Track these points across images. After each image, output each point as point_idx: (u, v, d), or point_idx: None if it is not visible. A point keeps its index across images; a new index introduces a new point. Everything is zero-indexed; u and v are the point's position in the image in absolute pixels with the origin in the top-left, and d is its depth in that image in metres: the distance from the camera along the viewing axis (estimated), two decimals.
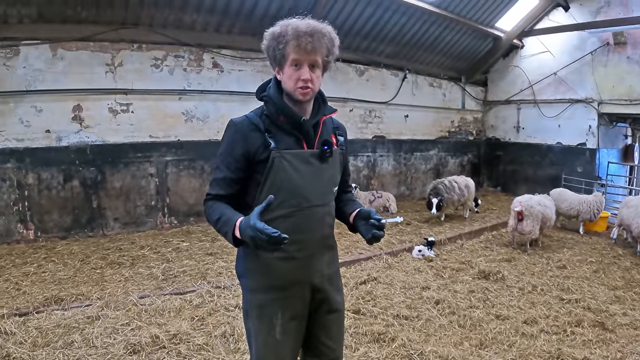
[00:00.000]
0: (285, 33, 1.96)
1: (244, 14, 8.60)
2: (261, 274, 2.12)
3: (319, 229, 2.16)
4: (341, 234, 7.99)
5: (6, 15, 6.88)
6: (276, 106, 2.05)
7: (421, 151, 12.63)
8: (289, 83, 2.02)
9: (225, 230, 1.93)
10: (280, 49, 1.97)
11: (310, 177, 2.09)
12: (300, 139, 2.09)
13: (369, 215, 2.13)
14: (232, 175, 2.05)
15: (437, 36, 11.39)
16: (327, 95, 2.21)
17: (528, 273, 6.36)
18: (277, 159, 2.00)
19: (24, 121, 7.30)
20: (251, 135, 2.02)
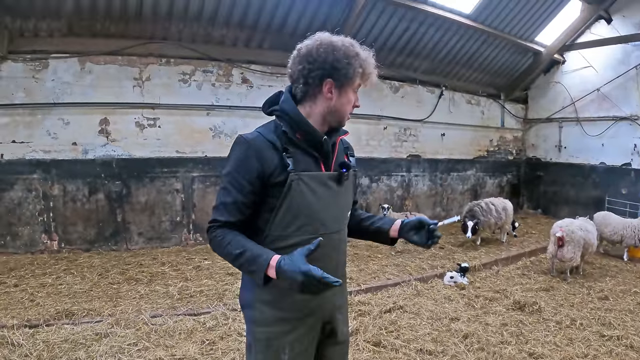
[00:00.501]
0: (364, 61, 1.92)
1: (274, 29, 8.59)
2: (272, 306, 1.96)
3: (335, 257, 2.03)
4: (370, 257, 7.79)
5: (36, 29, 7.10)
6: (296, 123, 1.90)
7: (458, 171, 12.25)
8: (347, 107, 1.95)
9: (252, 269, 1.77)
10: (352, 71, 1.88)
11: (328, 201, 1.96)
12: (318, 160, 1.95)
13: (421, 223, 2.11)
14: (244, 199, 1.85)
15: (475, 51, 11.10)
16: (359, 113, 2.05)
17: (567, 304, 5.91)
18: (295, 181, 1.85)
19: (51, 133, 7.48)
20: (266, 155, 1.85)
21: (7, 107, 7.22)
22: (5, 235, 7.31)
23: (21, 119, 7.33)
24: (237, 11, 8.07)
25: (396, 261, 7.62)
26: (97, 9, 7.17)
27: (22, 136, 7.32)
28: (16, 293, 5.60)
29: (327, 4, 8.54)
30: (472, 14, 9.85)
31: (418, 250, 8.18)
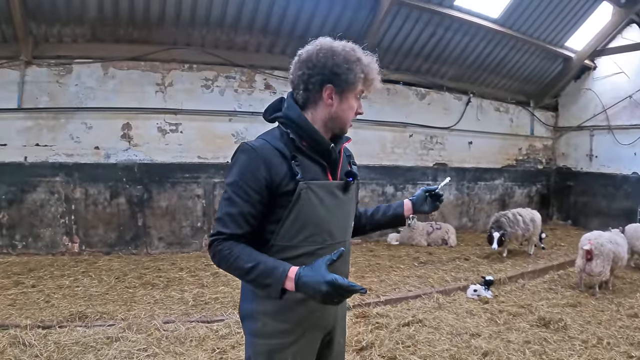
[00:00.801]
0: (367, 66, 1.87)
1: (297, 34, 8.57)
2: (275, 318, 1.89)
3: (341, 267, 1.93)
4: (392, 267, 7.63)
5: (60, 35, 7.29)
6: (302, 130, 1.85)
7: (486, 180, 11.96)
8: (349, 114, 1.90)
9: (267, 282, 1.69)
10: (353, 77, 1.83)
11: (335, 210, 1.91)
12: (325, 168, 1.90)
13: (427, 192, 2.33)
14: (252, 210, 1.77)
15: (503, 57, 10.86)
16: (385, 120, 1.98)
17: (594, 322, 5.62)
18: (304, 191, 1.79)
19: (74, 137, 7.64)
20: (275, 163, 1.78)
21: (32, 111, 7.43)
22: (28, 236, 7.51)
23: (45, 123, 7.53)
24: (260, 17, 8.10)
25: (419, 272, 7.43)
26: (120, 14, 7.31)
27: (45, 140, 7.52)
28: (33, 294, 5.68)
29: (351, 9, 8.50)
30: (499, 19, 9.65)
31: (442, 261, 8.05)
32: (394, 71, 10.11)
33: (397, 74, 10.20)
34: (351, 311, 5.45)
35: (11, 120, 7.40)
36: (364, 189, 9.82)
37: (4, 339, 4.32)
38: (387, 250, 9.08)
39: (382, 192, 10.19)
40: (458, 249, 9.30)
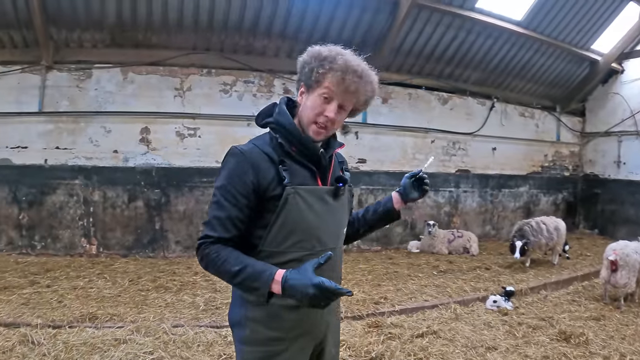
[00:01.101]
0: (333, 60, 1.75)
1: (315, 39, 8.37)
2: (263, 325, 1.86)
3: (330, 274, 1.88)
4: (410, 276, 7.50)
5: (81, 40, 7.48)
6: (291, 134, 1.83)
7: (510, 187, 11.69)
8: (308, 112, 1.81)
9: (254, 286, 1.68)
10: (319, 73, 1.76)
11: (325, 216, 1.88)
12: (315, 174, 1.88)
13: (412, 177, 2.22)
14: (239, 214, 1.76)
15: (527, 61, 10.63)
16: (406, 125, 1.91)
17: (618, 337, 5.38)
18: (291, 195, 1.77)
19: (94, 140, 7.81)
20: (263, 167, 1.77)
21: (52, 115, 7.63)
22: (47, 237, 7.71)
23: (65, 127, 7.73)
24: (278, 21, 8.13)
25: (437, 281, 7.26)
26: (138, 20, 7.45)
27: (65, 143, 7.71)
28: (47, 293, 5.77)
29: (370, 12, 8.45)
30: (523, 21, 9.45)
31: (462, 270, 7.89)
32: (416, 75, 10.02)
33: (419, 79, 10.09)
34: (364, 320, 5.37)
35: (32, 124, 7.64)
36: (384, 195, 9.66)
37: (14, 337, 4.40)
38: (407, 258, 8.92)
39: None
40: (480, 257, 9.08)
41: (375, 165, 9.70)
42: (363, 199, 9.50)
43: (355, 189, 9.37)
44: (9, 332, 4.55)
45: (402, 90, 9.97)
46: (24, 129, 7.62)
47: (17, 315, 4.99)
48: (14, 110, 7.59)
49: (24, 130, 7.63)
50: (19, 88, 7.60)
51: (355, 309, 5.62)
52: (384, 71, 9.51)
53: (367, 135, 9.59)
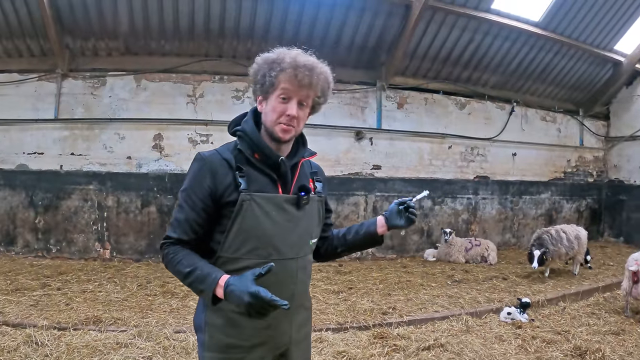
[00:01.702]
0: (281, 60, 1.79)
1: (328, 43, 8.60)
2: (221, 331, 1.88)
3: (291, 286, 1.92)
4: (422, 285, 7.38)
5: (96, 48, 7.73)
6: (252, 141, 1.86)
7: (531, 194, 11.44)
8: (271, 115, 1.83)
9: (200, 288, 1.74)
10: (271, 76, 1.79)
11: (284, 225, 1.87)
12: (275, 182, 1.89)
13: (401, 204, 2.14)
14: (196, 217, 1.82)
15: (548, 63, 10.43)
16: (422, 131, 1.91)
17: (637, 353, 5.11)
18: (246, 202, 1.79)
19: (108, 147, 8.02)
20: (220, 173, 1.81)
21: (68, 122, 7.89)
22: (62, 241, 7.95)
23: (80, 133, 7.98)
24: (289, 27, 8.20)
25: (450, 291, 7.08)
26: (151, 28, 7.65)
27: (80, 149, 7.96)
28: (57, 296, 5.91)
29: (382, 16, 8.45)
30: (541, 22, 9.28)
31: (478, 280, 7.72)
32: (432, 80, 9.95)
33: (435, 83, 10.02)
34: (370, 331, 5.29)
35: (48, 130, 7.92)
36: None
37: (19, 337, 4.50)
38: (422, 266, 8.78)
39: (419, 206, 9.91)
40: (498, 267, 8.88)
41: (390, 171, 9.64)
42: (378, 206, 9.44)
43: (370, 196, 9.33)
44: (16, 332, 4.65)
45: (418, 95, 9.90)
46: (41, 136, 7.91)
47: (25, 316, 5.13)
48: (31, 117, 7.87)
49: (40, 137, 7.91)
50: (35, 95, 7.90)
51: (362, 319, 5.53)
52: (399, 76, 9.53)
53: (382, 141, 9.55)
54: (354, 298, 6.37)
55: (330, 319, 5.53)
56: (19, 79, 7.90)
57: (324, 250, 2.22)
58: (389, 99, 9.58)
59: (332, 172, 9.02)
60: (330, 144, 9.06)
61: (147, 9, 7.51)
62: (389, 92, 9.53)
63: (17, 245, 7.95)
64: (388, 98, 9.56)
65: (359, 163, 9.37)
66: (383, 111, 9.51)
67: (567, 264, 8.71)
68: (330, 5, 8.10)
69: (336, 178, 9.06)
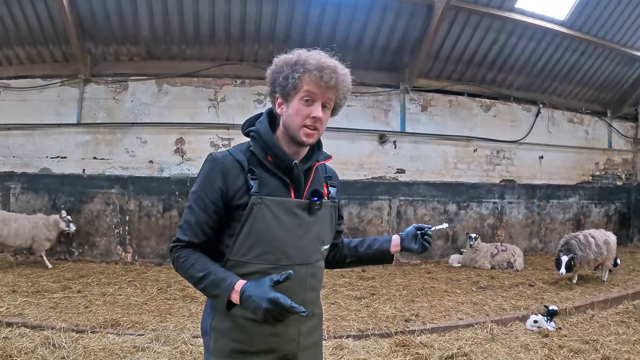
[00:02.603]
0: (304, 62, 1.71)
1: (351, 46, 8.43)
2: (227, 336, 1.82)
3: (299, 291, 1.85)
4: (447, 291, 7.12)
5: (117, 54, 7.73)
6: (266, 144, 1.79)
7: (558, 198, 11.01)
8: (295, 119, 1.76)
9: (215, 293, 1.69)
10: (294, 78, 1.71)
11: (294, 230, 1.81)
12: (288, 185, 1.82)
13: (419, 229, 2.10)
14: (207, 219, 1.76)
15: (574, 63, 10.04)
16: (447, 134, 1.73)
17: None
18: (257, 205, 1.73)
19: (130, 151, 7.98)
20: (231, 174, 1.75)
21: (90, 126, 7.89)
22: (84, 244, 7.92)
23: (102, 137, 7.96)
24: (310, 30, 8.06)
25: (475, 298, 6.79)
26: (172, 32, 7.61)
27: (102, 153, 7.94)
28: (77, 298, 5.85)
29: (405, 17, 8.24)
30: (566, 21, 8.93)
31: (504, 286, 7.40)
32: (456, 82, 9.68)
33: (460, 85, 9.74)
34: (391, 338, 5.07)
35: (71, 135, 7.93)
36: (424, 207, 9.36)
37: (37, 339, 4.45)
38: (447, 272, 8.49)
39: (443, 211, 9.63)
40: (524, 273, 8.54)
41: (414, 175, 9.37)
42: (402, 211, 9.18)
43: (394, 201, 9.07)
44: (34, 334, 4.60)
45: (442, 97, 9.64)
46: (64, 140, 7.92)
47: (44, 318, 5.06)
48: (54, 121, 7.91)
49: (63, 141, 7.93)
50: (58, 100, 7.94)
51: (384, 326, 5.32)
52: (422, 78, 9.30)
53: (405, 145, 9.30)
54: (376, 304, 6.15)
55: (351, 325, 5.32)
56: (42, 84, 7.95)
57: (332, 257, 2.14)
58: (413, 101, 9.33)
59: (356, 176, 8.82)
60: (353, 147, 8.86)
61: (167, 13, 7.46)
62: (413, 94, 9.29)
63: None
64: (412, 101, 9.32)
65: (382, 167, 9.13)
66: (407, 114, 9.26)
67: (596, 270, 8.30)
68: (351, 6, 7.92)
69: (359, 182, 8.84)
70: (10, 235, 7.01)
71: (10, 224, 7.06)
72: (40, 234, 7.12)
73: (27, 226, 7.11)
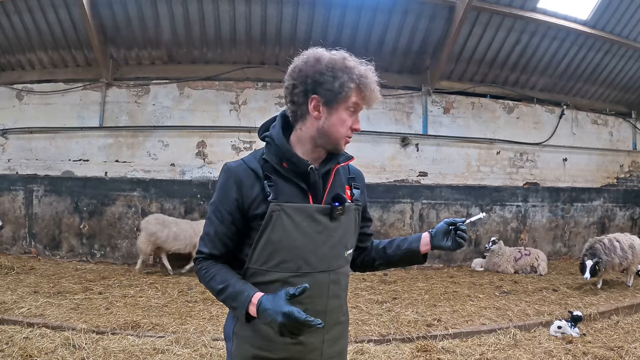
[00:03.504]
0: (364, 76, 1.64)
1: (372, 48, 8.23)
2: (249, 342, 1.77)
3: (321, 299, 1.78)
4: (470, 296, 6.86)
5: (139, 58, 7.71)
6: (279, 150, 1.71)
7: (582, 201, 10.60)
8: (339, 129, 1.69)
9: (234, 305, 1.65)
10: (349, 87, 1.62)
11: (315, 237, 1.72)
12: (305, 192, 1.73)
13: (452, 224, 1.93)
14: (226, 231, 1.71)
15: (598, 63, 9.68)
16: (469, 136, 1.56)
17: None
18: (276, 213, 1.65)
19: (151, 154, 7.90)
20: (247, 183, 1.69)
21: (112, 129, 7.84)
22: (106, 246, 7.86)
23: (124, 141, 7.90)
24: (331, 32, 7.90)
25: (498, 303, 6.52)
26: (193, 36, 7.53)
27: (124, 156, 7.87)
28: (98, 300, 5.77)
29: (425, 18, 8.03)
30: (589, 20, 8.60)
31: (527, 291, 7.11)
32: (479, 83, 9.41)
33: (482, 87, 9.46)
34: (413, 343, 4.91)
35: (94, 138, 7.89)
36: (446, 210, 9.07)
37: (58, 340, 4.40)
38: (469, 276, 8.21)
39: (466, 214, 9.27)
40: (548, 277, 8.20)
41: (437, 178, 9.10)
42: (424, 214, 8.91)
43: (416, 204, 8.82)
44: (55, 334, 4.55)
45: (464, 100, 9.37)
46: (86, 143, 7.90)
47: (65, 319, 5.01)
48: (77, 125, 7.90)
49: (85, 144, 7.90)
50: (81, 104, 7.93)
51: (405, 331, 5.14)
52: (444, 80, 9.07)
53: (428, 147, 9.04)
54: (398, 309, 5.95)
55: (373, 330, 5.16)
56: (64, 88, 7.97)
57: (360, 262, 2.08)
58: (435, 103, 9.08)
59: (378, 179, 8.59)
60: (375, 150, 8.65)
61: (188, 18, 7.39)
62: (435, 96, 9.03)
63: (62, 250, 7.94)
64: (434, 103, 9.06)
65: (404, 170, 8.87)
66: (429, 116, 9.01)
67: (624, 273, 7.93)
68: (372, 9, 7.74)
69: (382, 185, 8.61)
70: (169, 239, 7.04)
71: (170, 226, 7.08)
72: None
73: (189, 231, 7.11)
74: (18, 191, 8.09)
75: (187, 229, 7.11)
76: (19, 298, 5.61)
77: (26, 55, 8.01)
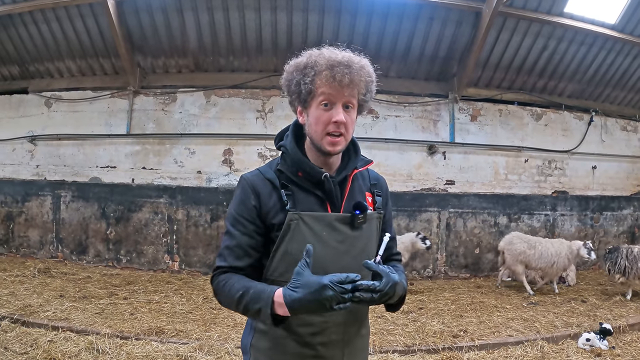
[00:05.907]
0: (314, 63, 1.53)
1: (398, 55, 8.01)
2: (266, 355, 1.68)
3: (342, 312, 1.57)
4: (497, 307, 6.52)
5: (166, 66, 7.69)
6: (292, 159, 1.64)
7: (612, 210, 10.06)
8: (315, 128, 1.58)
9: (257, 308, 1.47)
10: (306, 83, 1.54)
11: (335, 247, 1.62)
12: (323, 200, 1.64)
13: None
14: (248, 240, 1.61)
15: (627, 68, 9.21)
16: (497, 144, 1.30)
17: None
18: (294, 222, 1.57)
19: (178, 161, 7.79)
20: (264, 193, 1.62)
21: (140, 137, 7.77)
22: (132, 252, 7.75)
23: (151, 148, 7.82)
24: (357, 39, 7.67)
25: (526, 314, 6.16)
26: (219, 45, 7.44)
27: (151, 163, 7.79)
28: (122, 305, 5.68)
29: (452, 25, 7.75)
30: (617, 25, 8.16)
31: (555, 302, 6.72)
32: (506, 90, 9.03)
33: (510, 93, 9.07)
34: (438, 354, 4.71)
35: (121, 145, 7.84)
36: (474, 219, 8.69)
37: (82, 344, 4.38)
38: (497, 287, 7.84)
39: (494, 223, 8.91)
40: (576, 288, 7.82)
41: (464, 187, 8.74)
42: (451, 223, 8.54)
43: (443, 213, 8.45)
44: (79, 338, 4.52)
45: (491, 107, 9.01)
46: (113, 150, 7.85)
47: (89, 324, 4.96)
48: (104, 132, 7.87)
49: (113, 151, 7.86)
50: (108, 112, 7.90)
51: (431, 342, 4.91)
52: (471, 87, 8.76)
53: (455, 155, 8.70)
54: (423, 319, 5.69)
55: (398, 340, 4.95)
56: (92, 96, 7.96)
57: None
58: (462, 111, 8.74)
59: (405, 187, 8.29)
60: (402, 158, 8.36)
61: (214, 26, 7.30)
62: (462, 104, 8.70)
63: (88, 255, 7.87)
64: (461, 110, 8.73)
65: (431, 178, 8.54)
66: (456, 124, 8.67)
67: None
68: (397, 16, 7.51)
69: (408, 194, 8.29)
70: (534, 258, 7.14)
71: (536, 246, 7.24)
72: (560, 260, 7.20)
73: (551, 250, 7.20)
74: (46, 196, 8.06)
75: (549, 247, 7.24)
76: (44, 302, 5.55)
77: (55, 63, 8.04)
